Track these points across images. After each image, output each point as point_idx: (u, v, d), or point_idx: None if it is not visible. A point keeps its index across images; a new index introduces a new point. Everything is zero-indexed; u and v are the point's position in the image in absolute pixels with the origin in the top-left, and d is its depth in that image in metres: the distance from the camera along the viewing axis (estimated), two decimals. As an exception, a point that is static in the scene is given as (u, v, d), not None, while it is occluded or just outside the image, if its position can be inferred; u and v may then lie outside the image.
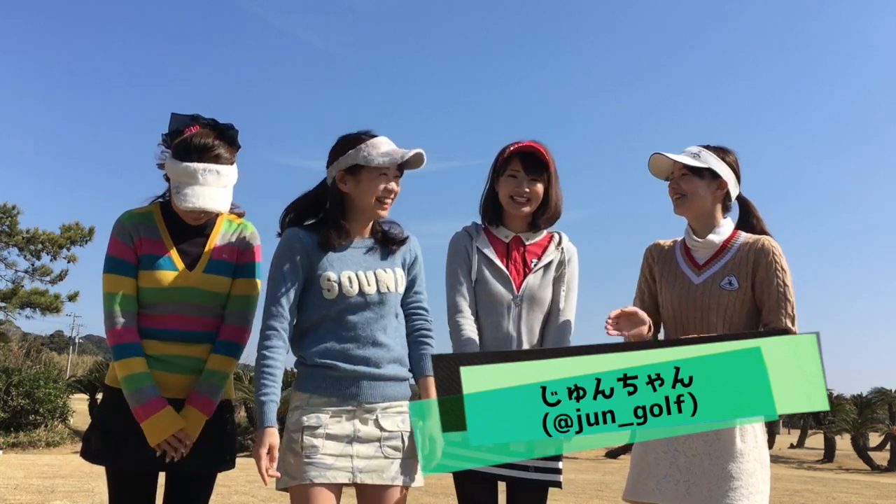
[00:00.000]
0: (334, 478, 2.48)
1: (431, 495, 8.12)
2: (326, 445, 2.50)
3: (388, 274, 2.66)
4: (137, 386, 2.50)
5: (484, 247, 2.94)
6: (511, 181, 2.90)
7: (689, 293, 2.74)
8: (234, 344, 2.67)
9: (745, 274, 2.70)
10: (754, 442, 2.63)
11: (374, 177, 2.59)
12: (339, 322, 2.59)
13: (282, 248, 2.61)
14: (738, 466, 2.58)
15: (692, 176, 2.77)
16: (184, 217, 2.62)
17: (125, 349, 2.53)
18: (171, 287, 2.58)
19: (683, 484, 2.61)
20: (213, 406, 2.60)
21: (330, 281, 2.58)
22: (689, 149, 2.82)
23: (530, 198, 2.90)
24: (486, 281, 2.89)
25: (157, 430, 2.48)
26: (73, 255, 23.23)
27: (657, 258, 2.91)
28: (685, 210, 2.81)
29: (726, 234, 2.80)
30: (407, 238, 2.78)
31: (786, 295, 2.66)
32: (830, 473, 18.80)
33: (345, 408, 2.56)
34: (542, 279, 2.91)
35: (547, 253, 2.96)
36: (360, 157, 2.58)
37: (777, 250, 2.72)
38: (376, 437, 2.56)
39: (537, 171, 2.90)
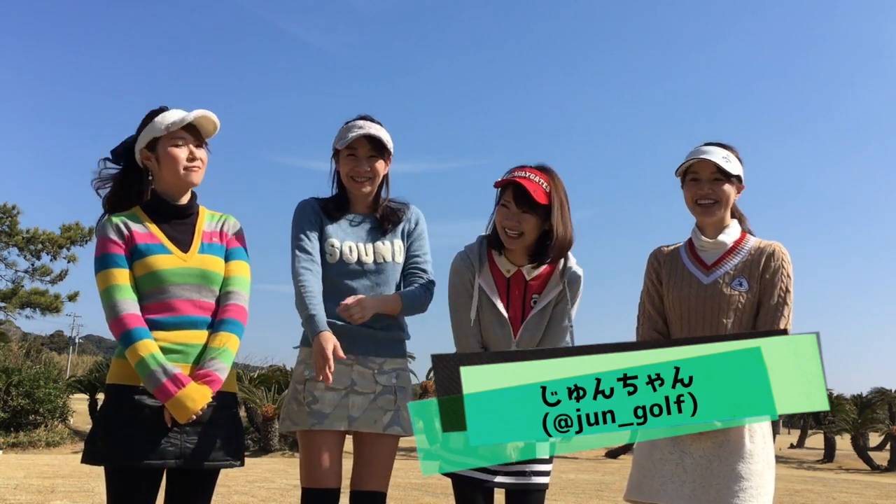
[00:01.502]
0: (331, 425, 2.75)
1: (431, 495, 8.11)
2: (325, 396, 2.77)
3: (385, 246, 2.91)
4: (155, 366, 2.44)
5: (486, 283, 2.85)
6: (503, 211, 2.80)
7: (698, 293, 2.73)
8: (236, 322, 2.62)
9: (755, 276, 2.70)
10: (763, 442, 2.62)
11: (345, 156, 2.91)
12: (340, 285, 2.85)
13: (299, 208, 2.94)
14: (748, 467, 2.58)
15: (724, 181, 2.72)
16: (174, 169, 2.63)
17: (132, 335, 2.47)
18: (168, 270, 2.57)
19: (689, 485, 2.60)
20: (219, 383, 2.53)
21: (333, 246, 2.87)
22: (717, 150, 2.74)
23: (522, 232, 2.77)
24: (486, 326, 2.84)
25: (188, 402, 2.43)
26: (73, 255, 23.24)
27: (663, 262, 2.88)
28: (714, 215, 2.75)
29: (736, 235, 2.79)
30: (407, 210, 3.00)
31: (786, 300, 2.68)
32: (830, 473, 18.78)
33: (343, 362, 2.74)
34: (541, 319, 2.86)
35: (548, 288, 2.87)
36: (337, 141, 2.92)
37: (787, 257, 2.73)
38: (371, 391, 2.80)
39: (528, 206, 2.75)
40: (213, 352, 2.54)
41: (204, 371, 2.50)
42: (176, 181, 2.66)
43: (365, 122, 2.88)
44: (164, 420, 2.47)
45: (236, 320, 2.62)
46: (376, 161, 2.89)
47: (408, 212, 2.99)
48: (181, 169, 2.63)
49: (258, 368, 23.93)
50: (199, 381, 2.48)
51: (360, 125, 2.87)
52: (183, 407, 2.42)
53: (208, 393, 2.48)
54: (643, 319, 2.87)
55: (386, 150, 2.91)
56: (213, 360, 2.53)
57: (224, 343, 2.56)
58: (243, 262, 2.73)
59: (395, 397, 2.82)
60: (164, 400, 2.43)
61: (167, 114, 2.65)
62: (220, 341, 2.56)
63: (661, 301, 2.85)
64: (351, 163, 2.87)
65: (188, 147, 2.64)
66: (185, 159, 2.63)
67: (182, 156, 2.63)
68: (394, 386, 2.84)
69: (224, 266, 2.68)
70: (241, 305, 2.65)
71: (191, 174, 2.65)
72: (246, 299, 2.68)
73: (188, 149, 2.64)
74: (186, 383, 2.45)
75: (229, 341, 2.58)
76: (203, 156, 2.69)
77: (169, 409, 2.44)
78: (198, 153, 2.67)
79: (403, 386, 2.87)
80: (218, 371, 2.52)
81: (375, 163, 2.88)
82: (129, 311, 2.51)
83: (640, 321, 2.89)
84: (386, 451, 2.82)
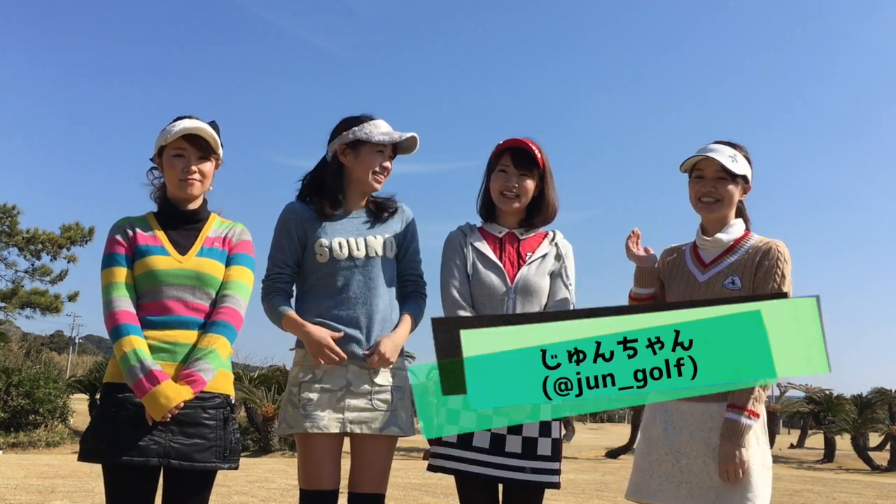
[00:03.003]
0: (326, 428, 2.73)
1: (432, 495, 8.10)
2: (320, 398, 2.75)
3: (377, 240, 2.89)
4: (134, 361, 2.48)
5: (477, 242, 2.94)
6: (501, 176, 2.92)
7: (692, 291, 2.72)
8: (227, 324, 2.63)
9: (749, 275, 2.66)
10: (756, 443, 2.60)
11: (373, 152, 2.86)
12: (331, 284, 2.84)
13: (280, 220, 2.91)
14: (748, 468, 2.55)
15: (729, 180, 2.71)
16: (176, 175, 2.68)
17: (121, 330, 2.54)
18: (163, 270, 2.61)
19: (685, 486, 2.60)
20: (202, 384, 2.54)
21: (322, 246, 2.84)
22: (724, 149, 2.72)
23: (520, 193, 2.90)
24: (480, 274, 2.88)
25: (162, 399, 2.44)
26: (73, 255, 23.21)
27: (666, 261, 2.88)
28: (717, 214, 2.74)
29: (737, 234, 2.76)
30: (398, 207, 3.00)
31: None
32: (830, 473, 18.77)
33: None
34: (538, 270, 2.90)
35: (541, 247, 2.96)
36: (361, 134, 2.85)
37: (783, 256, 2.66)
38: (367, 391, 2.79)
39: (527, 167, 2.90)
40: (200, 352, 2.56)
41: (187, 371, 2.53)
42: (174, 191, 2.72)
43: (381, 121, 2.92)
44: (146, 417, 2.48)
45: (228, 322, 2.63)
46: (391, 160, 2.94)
47: (398, 207, 3.00)
48: (176, 181, 2.69)
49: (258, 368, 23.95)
50: (181, 380, 2.50)
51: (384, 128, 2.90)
52: (157, 403, 2.44)
53: (186, 392, 2.49)
54: None
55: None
56: (199, 360, 2.55)
57: (211, 344, 2.58)
58: (244, 267, 2.74)
59: (391, 397, 2.81)
60: (140, 395, 2.46)
61: (175, 123, 2.70)
62: (208, 342, 2.58)
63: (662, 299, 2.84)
64: (378, 158, 2.87)
65: (188, 159, 2.68)
66: (181, 171, 2.67)
67: (177, 168, 2.68)
68: (390, 386, 2.82)
69: (223, 270, 2.70)
70: (234, 308, 2.66)
71: (186, 186, 2.69)
72: (241, 304, 2.69)
73: (186, 161, 2.68)
74: (162, 380, 2.47)
75: (217, 342, 2.59)
76: (206, 168, 2.72)
77: (144, 404, 2.46)
78: (198, 165, 2.69)
79: (400, 386, 2.86)
80: (202, 371, 2.54)
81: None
82: (122, 307, 2.57)
83: None
84: (383, 452, 2.82)
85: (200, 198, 2.77)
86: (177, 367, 2.55)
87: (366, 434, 2.76)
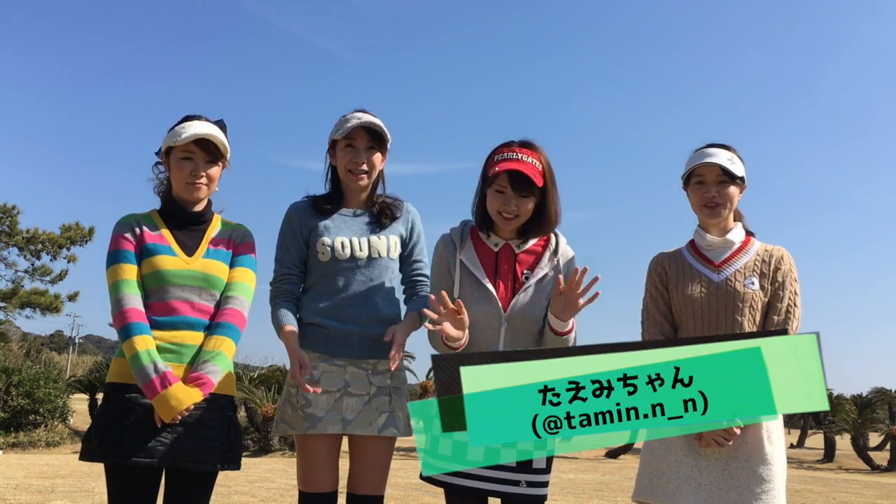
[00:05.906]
0: (325, 429, 2.72)
1: (431, 495, 8.11)
2: (318, 399, 2.74)
3: (381, 240, 2.86)
4: (147, 361, 2.47)
5: (469, 260, 2.76)
6: (498, 197, 2.71)
7: (710, 291, 2.73)
8: (232, 325, 2.62)
9: (767, 277, 2.73)
10: (780, 444, 2.65)
11: (342, 147, 2.86)
12: (332, 283, 2.82)
13: (284, 220, 2.93)
14: (769, 469, 2.59)
15: (730, 183, 2.75)
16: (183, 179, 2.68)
17: (131, 328, 2.51)
18: (171, 271, 2.60)
19: (705, 488, 2.59)
20: (211, 386, 2.53)
21: (324, 245, 2.82)
22: (721, 153, 2.75)
23: (519, 214, 2.72)
24: (471, 303, 2.68)
25: (173, 401, 2.43)
26: (73, 255, 23.26)
27: (668, 266, 2.87)
28: (719, 217, 2.77)
29: (742, 235, 2.82)
30: (404, 208, 2.96)
31: (795, 303, 2.72)
32: (830, 473, 18.78)
33: (336, 364, 2.77)
34: (534, 296, 2.74)
35: (540, 265, 2.79)
36: (335, 134, 2.87)
37: (793, 263, 2.79)
38: (366, 392, 2.77)
39: (527, 189, 2.69)
40: (207, 354, 2.56)
41: (196, 374, 2.52)
42: (180, 193, 2.71)
43: (363, 114, 2.85)
44: (155, 419, 2.48)
45: (232, 324, 2.63)
46: (374, 153, 2.87)
47: (404, 209, 2.97)
48: (184, 184, 2.68)
49: (258, 368, 23.90)
50: (190, 383, 2.50)
51: (358, 116, 2.84)
52: (167, 406, 2.43)
53: (196, 395, 2.49)
54: (648, 325, 2.85)
55: (384, 143, 2.88)
56: (207, 362, 2.54)
57: (218, 346, 2.58)
58: (247, 269, 2.75)
59: (389, 398, 2.79)
60: (150, 396, 2.45)
61: (186, 125, 2.68)
62: (215, 344, 2.58)
63: (668, 306, 2.83)
64: (349, 154, 2.84)
65: (195, 163, 2.67)
66: (189, 174, 2.67)
67: (185, 171, 2.67)
68: (389, 387, 2.81)
69: (228, 272, 2.70)
70: (238, 310, 2.66)
71: (192, 189, 2.68)
72: (245, 305, 2.69)
73: (194, 164, 2.67)
74: (174, 382, 2.46)
75: (223, 344, 2.59)
76: (214, 172, 2.71)
77: (154, 406, 2.45)
78: (205, 169, 2.69)
79: (398, 386, 2.84)
80: (210, 374, 2.53)
81: (373, 155, 2.86)
82: (132, 305, 2.55)
83: (645, 327, 2.87)
84: (382, 453, 2.81)
85: (206, 199, 2.77)
86: (183, 368, 2.55)
87: (364, 435, 2.76)
